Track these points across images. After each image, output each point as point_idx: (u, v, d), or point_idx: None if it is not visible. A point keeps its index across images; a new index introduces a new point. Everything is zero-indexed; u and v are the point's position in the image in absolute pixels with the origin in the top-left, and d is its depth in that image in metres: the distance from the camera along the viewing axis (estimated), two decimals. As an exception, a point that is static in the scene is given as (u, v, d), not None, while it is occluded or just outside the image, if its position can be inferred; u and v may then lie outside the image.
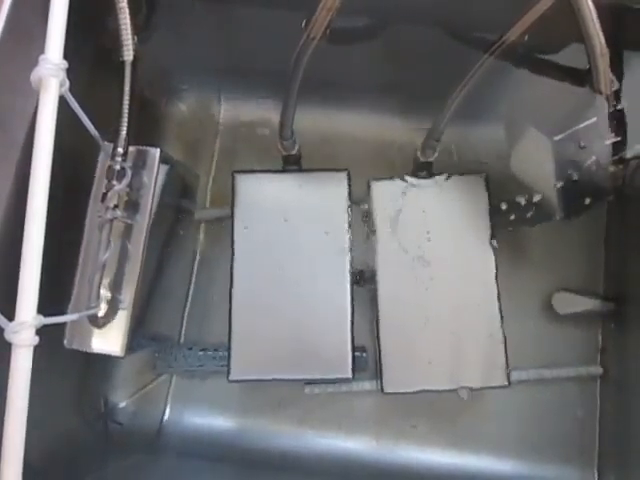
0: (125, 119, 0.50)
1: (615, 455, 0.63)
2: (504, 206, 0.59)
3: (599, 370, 0.66)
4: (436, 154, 0.59)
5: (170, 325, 0.69)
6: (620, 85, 0.49)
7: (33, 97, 0.38)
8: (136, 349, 0.57)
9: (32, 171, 0.36)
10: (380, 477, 0.66)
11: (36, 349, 0.35)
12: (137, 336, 0.55)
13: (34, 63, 0.37)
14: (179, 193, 0.66)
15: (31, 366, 0.34)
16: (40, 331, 0.36)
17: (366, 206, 0.62)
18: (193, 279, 0.72)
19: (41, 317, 0.35)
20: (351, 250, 0.59)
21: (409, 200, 0.60)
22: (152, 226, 0.54)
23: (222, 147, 0.76)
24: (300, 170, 0.62)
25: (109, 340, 0.52)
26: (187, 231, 0.70)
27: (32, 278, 0.35)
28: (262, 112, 0.75)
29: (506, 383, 0.56)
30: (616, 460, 0.62)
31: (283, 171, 0.62)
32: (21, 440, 0.34)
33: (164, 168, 0.56)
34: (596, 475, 0.65)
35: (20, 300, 0.35)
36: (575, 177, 0.50)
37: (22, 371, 0.34)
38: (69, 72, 0.39)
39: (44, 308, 0.37)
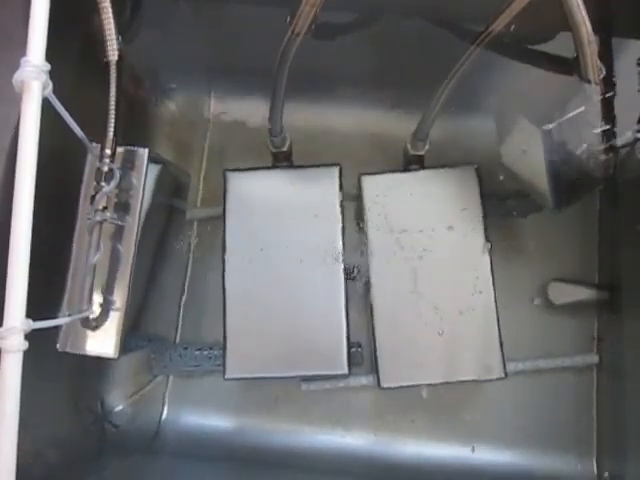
0: (112, 120, 0.50)
1: (613, 443, 0.63)
2: (496, 197, 0.59)
3: (595, 359, 0.66)
4: (427, 146, 0.59)
5: (165, 325, 0.69)
6: (610, 72, 0.49)
7: (17, 100, 0.38)
8: (132, 350, 0.57)
9: (17, 175, 0.36)
10: (379, 472, 0.66)
11: (31, 353, 0.35)
12: (132, 337, 0.55)
13: (16, 66, 0.37)
14: (170, 193, 0.66)
15: (21, 371, 0.34)
16: (34, 335, 0.36)
17: (357, 201, 0.62)
18: (187, 278, 0.72)
19: (30, 322, 0.35)
20: (344, 245, 0.58)
21: (401, 193, 0.60)
22: (143, 226, 0.54)
23: (212, 145, 0.75)
24: (291, 166, 0.62)
25: (102, 342, 0.52)
26: (180, 230, 0.70)
27: (20, 283, 0.35)
28: (252, 109, 0.74)
29: (503, 375, 0.56)
30: (614, 448, 0.63)
31: (274, 168, 0.62)
32: (13, 445, 0.33)
33: (154, 168, 0.56)
34: (594, 463, 0.65)
35: (8, 305, 0.35)
36: (566, 167, 0.50)
37: (12, 376, 0.33)
38: (53, 74, 0.38)
39: (36, 312, 0.36)
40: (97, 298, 0.52)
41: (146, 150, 0.54)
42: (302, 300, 0.57)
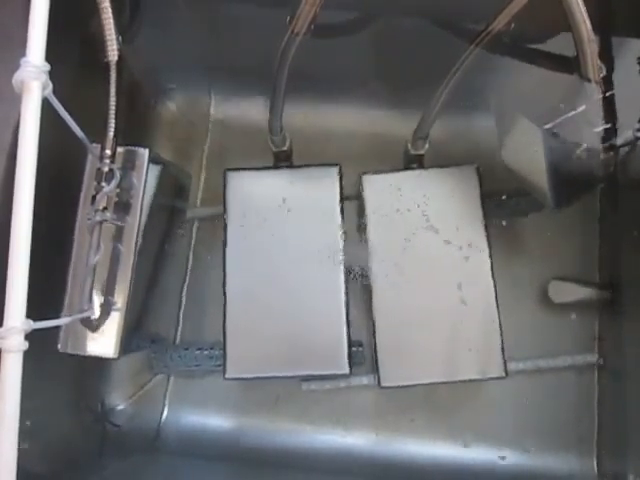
0: (112, 120, 0.50)
1: (614, 442, 0.63)
2: (496, 196, 0.59)
3: (596, 358, 0.66)
4: (427, 146, 0.59)
5: (166, 325, 0.69)
6: (610, 71, 0.49)
7: (17, 101, 0.38)
8: (132, 350, 0.57)
9: (17, 175, 0.36)
10: (379, 471, 0.66)
11: (31, 353, 0.35)
12: (133, 337, 0.55)
13: (16, 66, 0.37)
14: (171, 193, 0.66)
15: (21, 371, 0.34)
16: (34, 336, 0.36)
17: (358, 200, 0.62)
18: (187, 278, 0.72)
19: (30, 322, 0.35)
20: (344, 245, 0.58)
21: (401, 193, 0.60)
22: (144, 227, 0.54)
23: (213, 145, 0.75)
24: (291, 166, 0.62)
25: (103, 342, 0.52)
26: (180, 230, 0.70)
27: (20, 283, 0.35)
28: (252, 109, 0.74)
29: (503, 374, 0.56)
30: (615, 447, 0.62)
31: (274, 168, 0.62)
32: (13, 445, 0.33)
33: (154, 168, 0.56)
34: (595, 463, 0.65)
35: (8, 305, 0.35)
36: (566, 166, 0.50)
37: (12, 377, 0.33)
38: (53, 74, 0.38)
39: (37, 313, 0.36)
40: (98, 298, 0.52)
41: (146, 150, 0.54)
42: (302, 300, 0.57)
